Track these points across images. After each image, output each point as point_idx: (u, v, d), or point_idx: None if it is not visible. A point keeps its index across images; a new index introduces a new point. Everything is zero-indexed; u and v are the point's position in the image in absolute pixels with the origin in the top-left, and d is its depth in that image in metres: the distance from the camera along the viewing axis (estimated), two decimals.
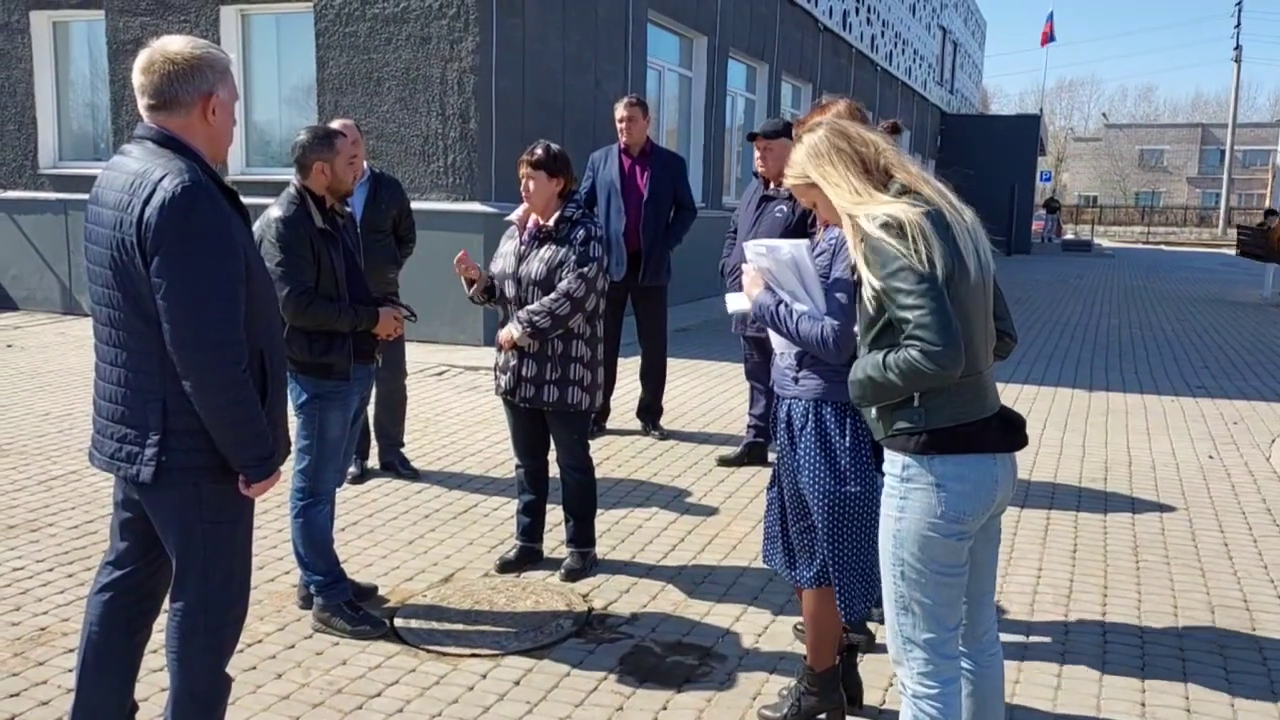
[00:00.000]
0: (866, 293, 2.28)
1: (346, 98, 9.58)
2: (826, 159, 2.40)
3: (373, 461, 5.51)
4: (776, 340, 2.93)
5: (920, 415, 2.27)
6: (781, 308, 2.78)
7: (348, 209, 3.85)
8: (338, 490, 5.15)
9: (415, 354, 8.54)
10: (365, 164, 5.27)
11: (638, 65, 11.98)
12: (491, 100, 9.26)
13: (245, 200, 2.58)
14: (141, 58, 2.46)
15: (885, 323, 2.27)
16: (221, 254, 2.36)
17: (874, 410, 2.36)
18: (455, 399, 7.34)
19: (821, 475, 2.83)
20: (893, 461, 2.35)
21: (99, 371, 2.50)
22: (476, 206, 9.24)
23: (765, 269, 2.82)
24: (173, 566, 2.53)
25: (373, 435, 5.50)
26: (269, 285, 2.60)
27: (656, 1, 12.34)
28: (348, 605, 3.65)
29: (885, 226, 2.22)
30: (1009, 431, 2.36)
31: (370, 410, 5.44)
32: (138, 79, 2.45)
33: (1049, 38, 38.82)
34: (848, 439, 2.82)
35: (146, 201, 2.32)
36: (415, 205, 5.58)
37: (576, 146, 7.38)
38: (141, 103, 2.46)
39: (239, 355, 2.39)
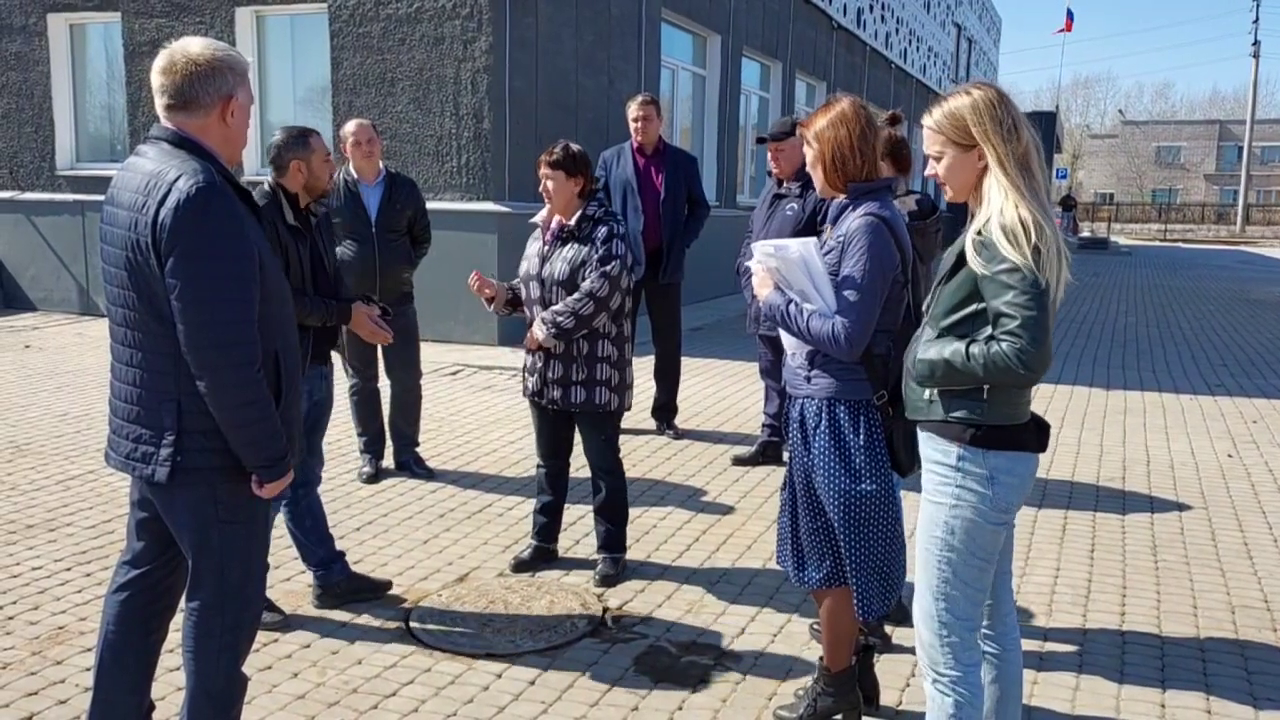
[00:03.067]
0: (967, 273, 2.28)
1: (361, 98, 9.60)
2: (999, 128, 2.29)
3: (388, 461, 5.51)
4: (787, 340, 2.92)
5: (983, 409, 2.33)
6: (791, 307, 2.78)
7: (322, 208, 3.89)
8: (350, 491, 5.18)
9: (430, 354, 8.55)
10: (381, 164, 5.30)
11: (651, 64, 11.96)
12: (505, 100, 9.26)
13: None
14: (162, 58, 2.46)
15: (972, 312, 2.30)
16: (236, 255, 2.36)
17: (929, 393, 2.39)
18: (470, 399, 7.35)
19: (836, 474, 2.82)
20: (945, 451, 2.38)
21: (114, 372, 2.51)
22: (490, 206, 9.25)
23: (774, 269, 2.82)
24: (189, 566, 2.53)
25: (388, 435, 5.51)
26: (283, 286, 2.60)
27: (670, 0, 12.32)
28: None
29: (1029, 221, 2.21)
30: (1041, 434, 2.44)
31: (385, 410, 5.47)
32: (157, 79, 2.46)
33: (1070, 24, 38.49)
34: (862, 437, 2.81)
35: (161, 202, 2.32)
36: (429, 205, 5.59)
37: (590, 145, 7.34)
38: (160, 102, 2.47)
39: (253, 356, 2.39)
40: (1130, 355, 10.14)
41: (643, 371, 6.85)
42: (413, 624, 3.70)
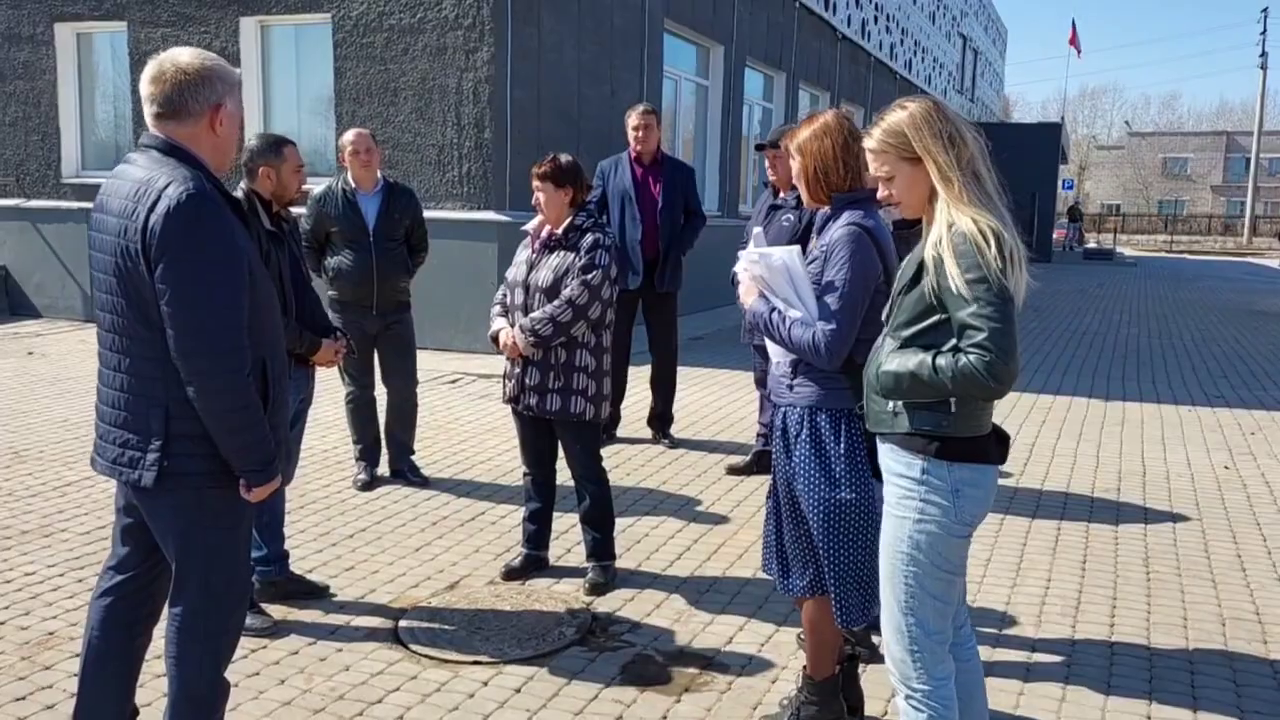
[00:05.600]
0: (927, 287, 2.28)
1: (364, 108, 9.66)
2: (938, 139, 2.30)
3: (383, 469, 5.53)
4: (772, 348, 2.94)
5: (949, 421, 2.31)
6: (775, 314, 2.80)
7: (292, 215, 3.97)
8: (345, 498, 5.19)
9: (429, 361, 8.59)
10: (380, 173, 5.32)
11: (654, 74, 12.01)
12: (506, 110, 9.31)
13: None
14: (151, 68, 2.50)
15: (934, 323, 2.29)
16: (226, 261, 2.39)
17: (893, 405, 2.37)
18: (467, 406, 7.37)
19: (816, 482, 2.83)
20: (908, 464, 2.36)
21: (101, 377, 2.54)
22: (491, 215, 9.28)
23: (759, 276, 2.83)
24: (173, 571, 2.55)
25: (383, 442, 5.53)
26: (271, 293, 2.62)
27: (673, 11, 12.38)
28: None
29: (986, 230, 2.22)
30: (1002, 445, 2.43)
31: (381, 417, 5.49)
32: (146, 89, 2.49)
33: (1078, 47, 38.62)
34: (842, 446, 2.82)
35: (152, 209, 2.35)
36: (430, 214, 5.63)
37: (592, 156, 7.43)
38: (149, 111, 2.50)
39: (242, 362, 2.41)
40: (1131, 367, 10.13)
41: (639, 380, 6.87)
42: (401, 631, 3.71)
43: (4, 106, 11.45)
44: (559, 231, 3.99)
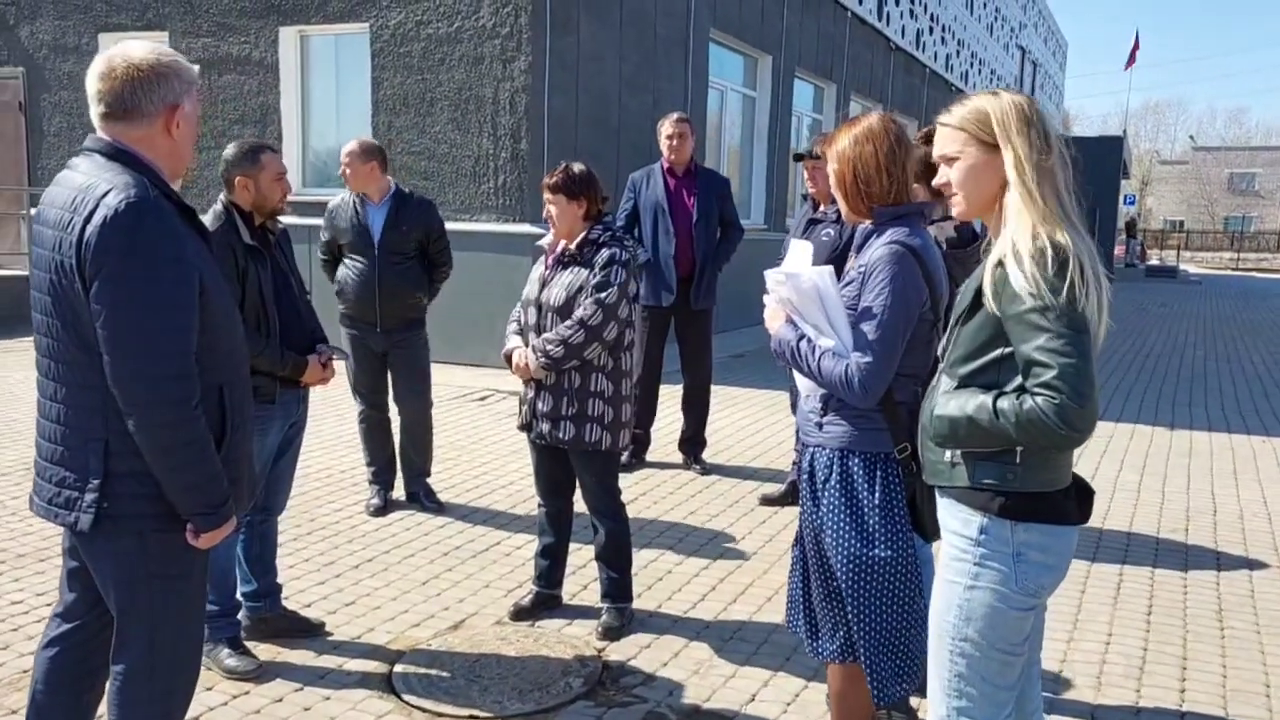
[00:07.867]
0: (989, 313, 1.95)
1: (400, 118, 9.49)
2: (1024, 133, 1.97)
3: (399, 492, 5.27)
4: (801, 381, 2.61)
5: (1017, 474, 1.96)
6: (804, 343, 2.46)
7: (280, 226, 3.67)
8: (355, 524, 4.91)
9: (461, 377, 8.37)
10: (391, 181, 5.06)
11: (698, 85, 11.71)
12: (544, 120, 9.07)
13: (300, 220, 2.35)
14: (99, 63, 2.26)
15: (997, 357, 1.96)
16: (170, 278, 2.13)
17: (950, 454, 2.04)
18: (493, 426, 7.10)
19: (846, 536, 2.49)
20: (966, 522, 2.03)
21: (39, 408, 2.28)
22: (526, 228, 9.03)
23: (786, 299, 2.50)
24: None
25: (398, 464, 5.27)
26: (230, 312, 2.35)
27: (719, 20, 12.07)
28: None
29: (1054, 250, 1.88)
30: (1083, 501, 2.07)
31: (396, 439, 5.23)
32: (94, 85, 2.26)
33: (1133, 59, 37.57)
34: (877, 495, 2.47)
35: (88, 219, 2.10)
36: (465, 226, 5.36)
37: (632, 166, 7.15)
38: (95, 111, 2.26)
39: (188, 392, 2.15)
40: (1198, 392, 9.57)
41: (670, 401, 6.55)
42: (395, 677, 3.42)
43: (49, 117, 11.50)
44: (572, 246, 3.69)
